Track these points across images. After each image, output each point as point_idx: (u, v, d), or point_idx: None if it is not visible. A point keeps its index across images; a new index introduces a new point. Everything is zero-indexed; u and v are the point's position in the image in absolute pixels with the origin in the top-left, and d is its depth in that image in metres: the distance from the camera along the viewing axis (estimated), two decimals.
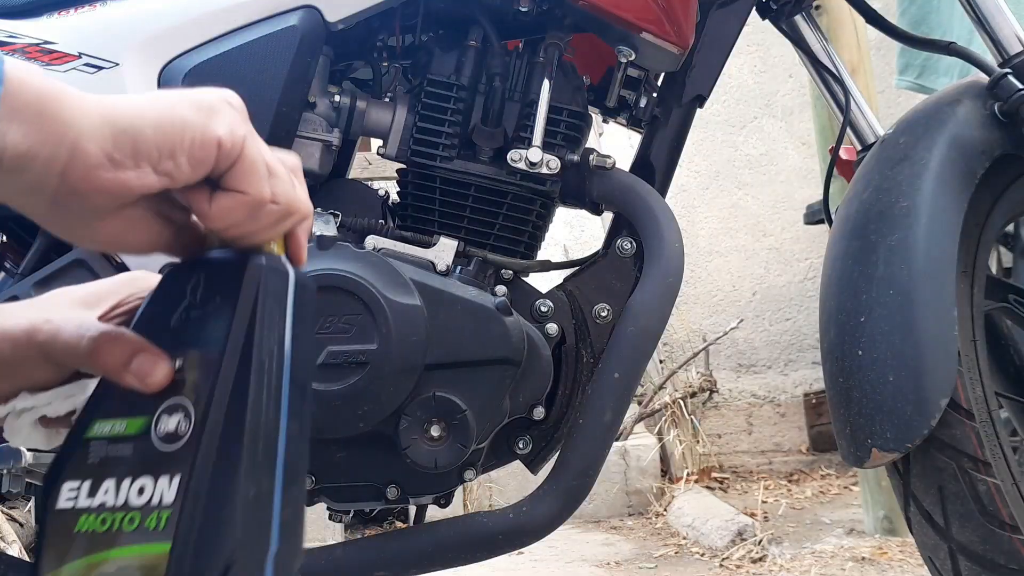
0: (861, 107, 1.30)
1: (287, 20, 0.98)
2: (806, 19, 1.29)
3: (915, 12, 2.58)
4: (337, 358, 0.87)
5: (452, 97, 1.05)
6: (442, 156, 1.05)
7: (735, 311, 4.06)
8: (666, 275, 1.03)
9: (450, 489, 1.01)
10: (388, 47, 1.12)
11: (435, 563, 0.99)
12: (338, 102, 1.05)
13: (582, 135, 1.09)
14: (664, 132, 1.16)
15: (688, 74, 1.14)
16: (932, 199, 1.08)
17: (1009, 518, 1.03)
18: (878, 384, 1.03)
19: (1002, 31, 1.20)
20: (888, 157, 1.14)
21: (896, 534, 2.51)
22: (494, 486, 3.22)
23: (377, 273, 0.90)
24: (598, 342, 1.05)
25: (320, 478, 0.95)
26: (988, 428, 1.06)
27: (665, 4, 1.02)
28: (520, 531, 0.99)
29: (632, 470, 3.28)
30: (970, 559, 1.05)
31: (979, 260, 1.15)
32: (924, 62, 2.61)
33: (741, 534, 2.58)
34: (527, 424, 1.03)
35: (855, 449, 1.06)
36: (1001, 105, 1.13)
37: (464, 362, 0.93)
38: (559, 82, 1.06)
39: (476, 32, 1.07)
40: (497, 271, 1.06)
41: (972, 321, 1.12)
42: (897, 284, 1.05)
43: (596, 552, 2.78)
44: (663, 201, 1.08)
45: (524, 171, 1.04)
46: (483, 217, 1.06)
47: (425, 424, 0.91)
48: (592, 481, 1.00)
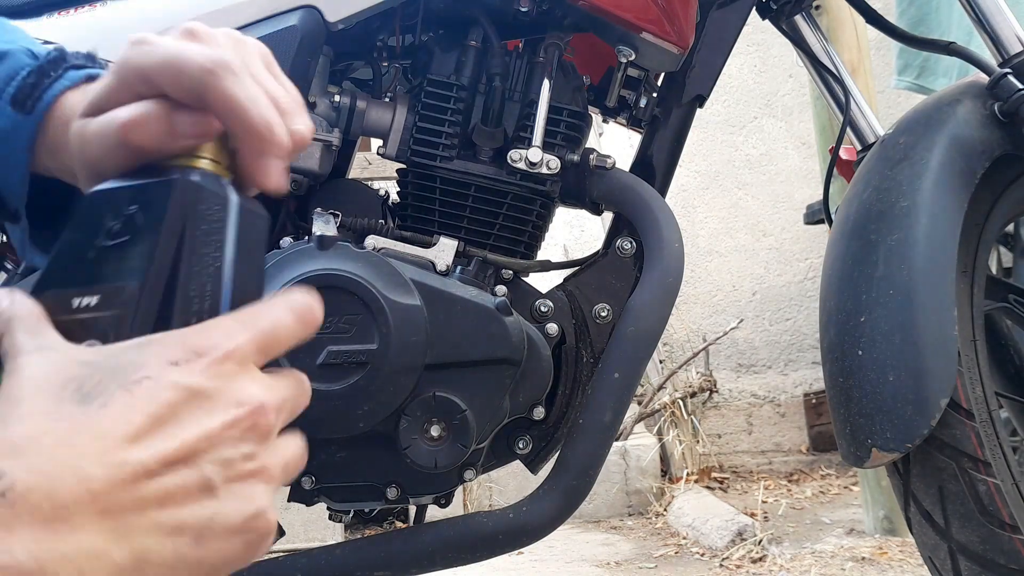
0: (861, 107, 1.30)
1: (287, 20, 0.98)
2: (806, 19, 1.29)
3: (914, 12, 2.58)
4: (337, 358, 0.87)
5: (452, 97, 1.05)
6: (442, 156, 1.05)
7: (735, 311, 4.06)
8: (666, 275, 1.03)
9: (450, 489, 1.01)
10: (388, 47, 1.12)
11: (435, 563, 0.99)
12: (338, 102, 1.05)
13: (582, 135, 1.09)
14: (664, 132, 1.16)
15: (688, 74, 1.14)
16: (932, 199, 1.08)
17: (1009, 518, 1.03)
18: (878, 384, 1.03)
19: (1002, 31, 1.20)
20: (888, 157, 1.14)
21: (896, 534, 2.52)
22: (494, 486, 3.22)
23: (377, 273, 0.90)
24: (598, 342, 1.05)
25: (320, 478, 0.95)
26: (988, 428, 1.06)
27: (665, 4, 1.02)
28: (520, 531, 0.99)
29: (632, 470, 3.28)
30: (970, 559, 1.05)
31: (979, 260, 1.15)
32: (923, 63, 2.61)
33: (741, 534, 2.58)
34: (527, 424, 1.03)
35: (855, 449, 1.06)
36: (1001, 105, 1.13)
37: (464, 362, 0.93)
38: (559, 82, 1.06)
39: (476, 32, 1.07)
40: (497, 271, 1.06)
41: (972, 321, 1.12)
42: (897, 284, 1.05)
43: (596, 552, 2.78)
44: (663, 201, 1.08)
45: (524, 171, 1.04)
46: (483, 217, 1.06)
47: (425, 424, 0.91)
48: (592, 481, 1.00)
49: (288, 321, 0.44)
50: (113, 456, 0.36)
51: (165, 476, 0.37)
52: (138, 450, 0.36)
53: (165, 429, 0.37)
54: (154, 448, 0.37)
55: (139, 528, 0.36)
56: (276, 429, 0.42)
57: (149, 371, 0.38)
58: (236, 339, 0.41)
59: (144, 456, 0.37)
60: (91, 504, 0.35)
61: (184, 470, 0.38)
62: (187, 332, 0.41)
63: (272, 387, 0.42)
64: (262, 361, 0.43)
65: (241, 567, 0.41)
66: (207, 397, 0.39)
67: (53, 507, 0.34)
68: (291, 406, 0.44)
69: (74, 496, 0.35)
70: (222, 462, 0.39)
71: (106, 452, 0.36)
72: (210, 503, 0.38)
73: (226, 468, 0.39)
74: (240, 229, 0.44)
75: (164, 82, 0.45)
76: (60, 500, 0.34)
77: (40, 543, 0.34)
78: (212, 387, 0.39)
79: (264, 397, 0.41)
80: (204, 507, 0.38)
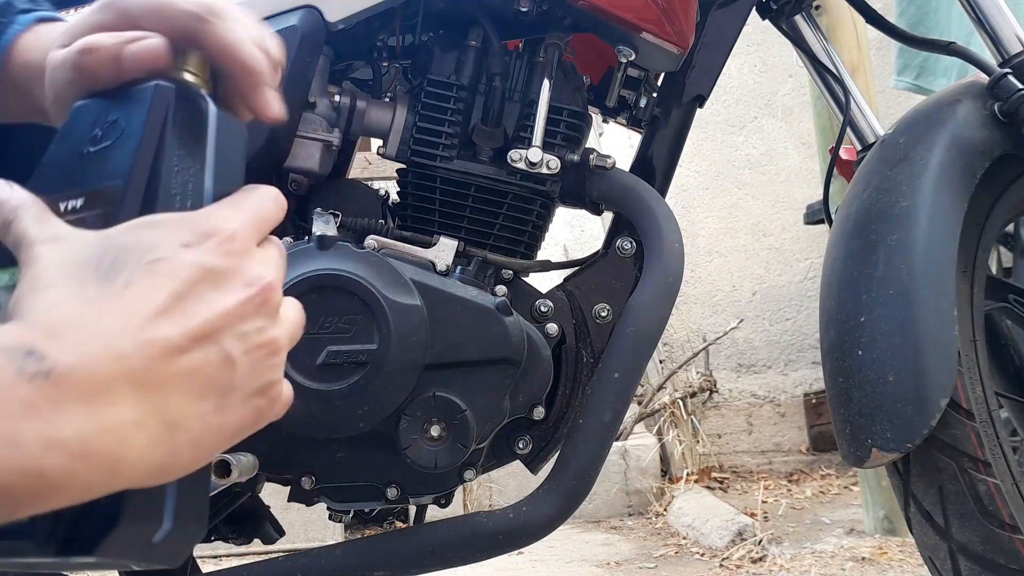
0: (861, 107, 1.30)
1: (287, 20, 0.98)
2: (806, 19, 1.29)
3: (914, 12, 2.58)
4: (337, 358, 0.87)
5: (452, 97, 1.05)
6: (442, 156, 1.05)
7: (735, 311, 4.06)
8: (666, 275, 1.03)
9: (450, 489, 1.01)
10: (388, 47, 1.12)
11: (435, 563, 0.99)
12: (338, 102, 1.05)
13: (582, 135, 1.09)
14: (664, 132, 1.16)
15: (688, 74, 1.15)
16: (932, 199, 1.07)
17: (1009, 518, 1.03)
18: (878, 384, 1.03)
19: (1002, 31, 1.20)
20: (888, 157, 1.14)
21: (896, 534, 2.52)
22: (494, 486, 3.22)
23: (377, 273, 0.90)
24: (598, 342, 1.05)
25: (320, 478, 0.95)
26: (988, 428, 1.06)
27: (665, 4, 1.02)
28: (520, 531, 0.99)
29: (632, 470, 3.28)
30: (970, 559, 1.05)
31: (979, 260, 1.15)
32: (923, 63, 2.61)
33: (741, 534, 2.58)
34: (527, 424, 1.03)
35: (855, 449, 1.06)
36: (1001, 105, 1.13)
37: (464, 362, 0.93)
38: (559, 82, 1.06)
39: (476, 32, 1.07)
40: (497, 271, 1.06)
41: (972, 321, 1.12)
42: (897, 284, 1.05)
43: (596, 552, 2.78)
44: (663, 201, 1.08)
45: (524, 171, 1.04)
46: (483, 217, 1.06)
47: (425, 424, 0.91)
48: (592, 481, 1.00)
49: (270, 203, 0.47)
50: (143, 334, 0.39)
51: (191, 351, 0.40)
52: (166, 327, 0.39)
53: (187, 306, 0.40)
54: (180, 325, 0.40)
55: (170, 399, 0.39)
56: (281, 303, 0.45)
57: (163, 251, 0.41)
58: (235, 221, 0.44)
59: (172, 333, 0.39)
60: (127, 379, 0.38)
61: (208, 345, 0.41)
62: (189, 216, 0.43)
63: (273, 263, 0.45)
64: (257, 240, 0.45)
65: (255, 430, 0.44)
66: (222, 276, 0.42)
67: (93, 384, 0.37)
68: (283, 275, 0.47)
69: (111, 373, 0.37)
70: (240, 336, 0.42)
71: (137, 330, 0.39)
72: (230, 374, 0.41)
73: (244, 341, 0.42)
74: (219, 134, 0.47)
75: (149, 25, 0.48)
76: (99, 377, 0.37)
77: (83, 419, 0.36)
78: (225, 266, 0.42)
79: (270, 275, 0.44)
80: (226, 377, 0.41)
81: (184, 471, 0.41)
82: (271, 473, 0.96)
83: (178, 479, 0.42)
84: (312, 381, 0.87)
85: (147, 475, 0.39)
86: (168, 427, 0.39)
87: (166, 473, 0.40)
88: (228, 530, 1.09)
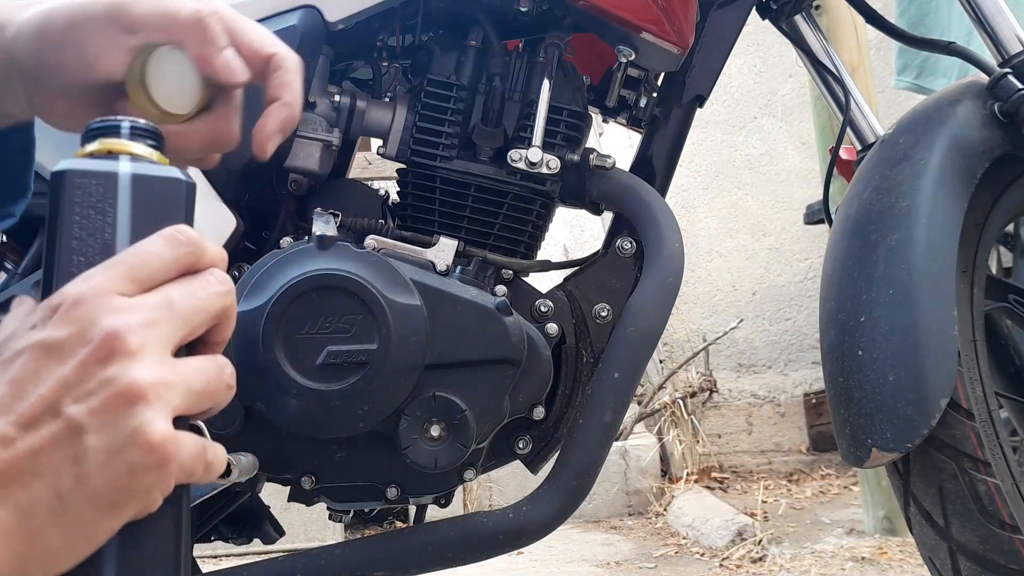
0: (861, 107, 1.30)
1: (287, 20, 0.98)
2: (806, 19, 1.29)
3: (914, 12, 2.58)
4: (337, 358, 0.87)
5: (452, 97, 1.05)
6: (442, 156, 1.05)
7: (735, 311, 4.06)
8: (666, 275, 1.02)
9: (450, 489, 1.01)
10: (388, 47, 1.12)
11: (435, 563, 0.99)
12: (338, 102, 1.05)
13: (582, 135, 1.09)
14: (664, 132, 1.16)
15: (688, 74, 1.14)
16: (932, 199, 1.07)
17: (1009, 518, 1.03)
18: (878, 384, 1.03)
19: (1002, 31, 1.20)
20: (888, 157, 1.14)
21: (896, 534, 2.52)
22: (494, 486, 3.22)
23: (377, 273, 0.90)
24: (598, 342, 1.05)
25: (320, 478, 0.95)
26: (988, 428, 1.06)
27: (665, 4, 1.02)
28: (520, 531, 0.99)
29: (632, 470, 3.28)
30: (970, 559, 1.05)
31: (979, 260, 1.15)
32: (922, 63, 2.61)
33: (741, 534, 2.58)
34: (527, 424, 1.03)
35: (855, 449, 1.06)
36: (1001, 105, 1.13)
37: (464, 362, 0.92)
38: (559, 82, 1.06)
39: (476, 32, 1.07)
40: (497, 271, 1.06)
41: (972, 321, 1.12)
42: (897, 284, 1.05)
43: (596, 552, 2.78)
44: (663, 201, 1.08)
45: (524, 171, 1.04)
46: (483, 217, 1.05)
47: (425, 424, 0.91)
48: (592, 481, 1.00)
49: (156, 247, 0.45)
50: None
51: (28, 434, 0.40)
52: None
53: (25, 391, 0.40)
54: (13, 413, 0.40)
55: (17, 486, 0.39)
56: (146, 346, 0.42)
57: (20, 343, 0.42)
58: (92, 281, 0.43)
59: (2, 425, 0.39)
60: None
61: (48, 421, 0.40)
62: (53, 296, 0.44)
63: (135, 306, 0.43)
64: (134, 290, 0.44)
65: (152, 489, 0.42)
66: (59, 346, 0.41)
67: None
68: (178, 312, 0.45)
69: None
70: (82, 397, 0.41)
71: None
72: (80, 438, 0.40)
73: (87, 401, 0.41)
74: (135, 200, 0.47)
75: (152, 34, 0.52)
76: None
77: None
78: (62, 335, 0.41)
79: (117, 321, 0.42)
80: (76, 444, 0.40)
81: (72, 554, 0.40)
82: (271, 473, 0.96)
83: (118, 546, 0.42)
84: (312, 381, 0.87)
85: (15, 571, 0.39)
86: (22, 513, 0.39)
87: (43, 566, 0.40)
88: (228, 530, 1.09)
